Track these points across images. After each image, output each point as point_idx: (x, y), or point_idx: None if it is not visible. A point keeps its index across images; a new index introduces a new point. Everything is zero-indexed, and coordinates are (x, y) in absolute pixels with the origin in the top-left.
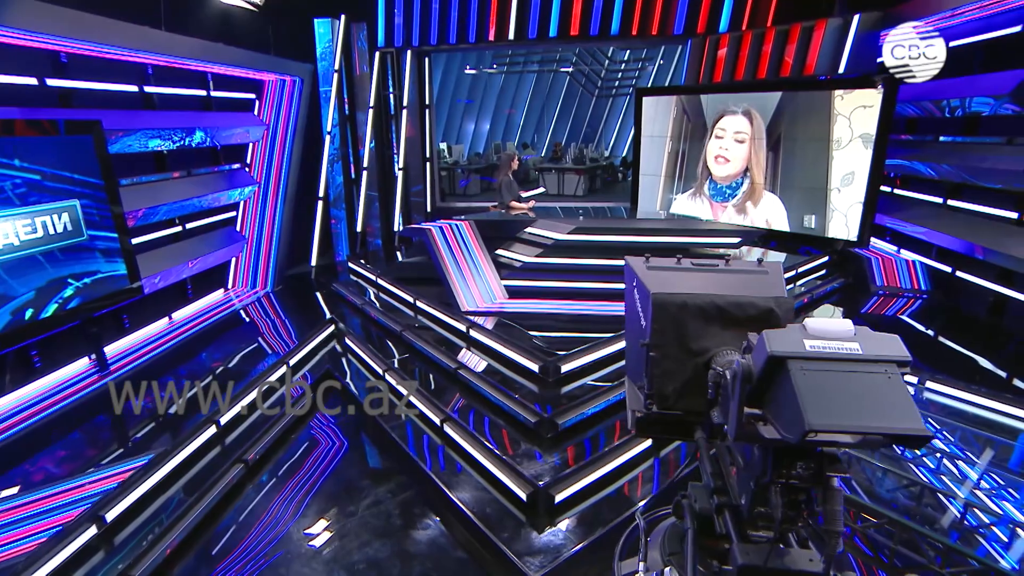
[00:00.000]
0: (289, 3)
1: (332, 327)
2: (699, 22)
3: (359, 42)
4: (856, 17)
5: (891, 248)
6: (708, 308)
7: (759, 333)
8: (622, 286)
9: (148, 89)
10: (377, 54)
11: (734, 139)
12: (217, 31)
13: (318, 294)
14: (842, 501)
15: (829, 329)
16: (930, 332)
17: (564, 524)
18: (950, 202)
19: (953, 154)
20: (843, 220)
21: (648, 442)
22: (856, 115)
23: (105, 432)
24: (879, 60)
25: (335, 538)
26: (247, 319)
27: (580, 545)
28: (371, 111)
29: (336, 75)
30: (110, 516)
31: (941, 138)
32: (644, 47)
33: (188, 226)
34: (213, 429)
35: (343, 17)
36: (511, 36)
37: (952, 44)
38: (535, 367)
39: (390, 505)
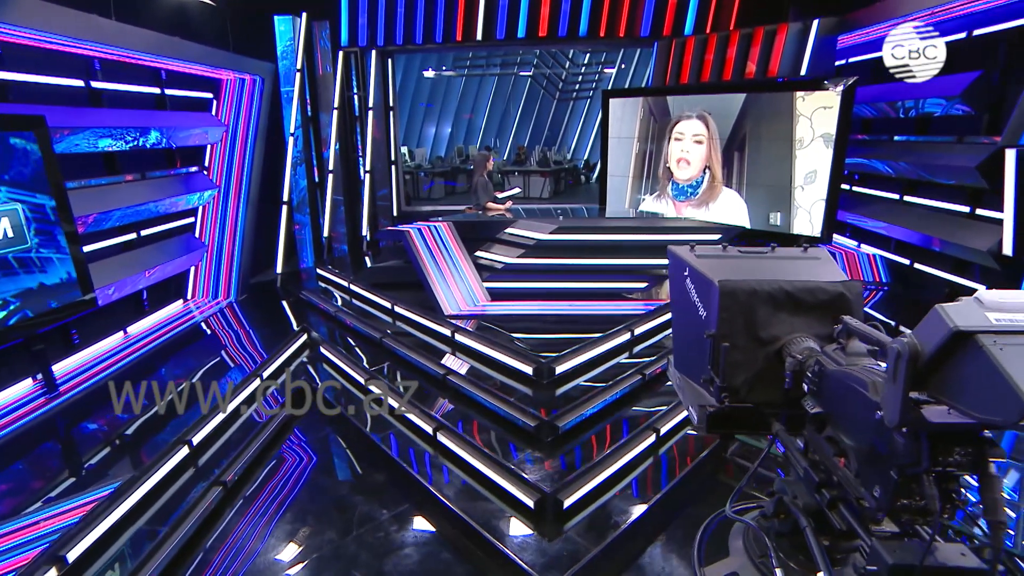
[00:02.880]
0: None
1: (305, 336)
2: (665, 25)
3: (322, 41)
4: (815, 22)
5: (852, 243)
6: (777, 294)
7: (831, 318)
8: (609, 285)
9: (96, 85)
10: (341, 54)
11: (693, 141)
12: (172, 24)
13: (285, 303)
14: (1001, 488)
15: (1011, 302)
16: (892, 322)
17: (575, 530)
18: (906, 198)
19: (909, 152)
20: (807, 217)
21: (650, 439)
22: (817, 116)
23: (57, 460)
24: (837, 63)
25: (332, 561)
26: (209, 331)
27: (595, 550)
28: (335, 112)
29: (298, 75)
30: (72, 555)
31: (896, 138)
32: (612, 49)
33: (143, 233)
34: (185, 450)
35: (304, 15)
36: (479, 37)
37: None
38: (528, 369)
39: (386, 521)
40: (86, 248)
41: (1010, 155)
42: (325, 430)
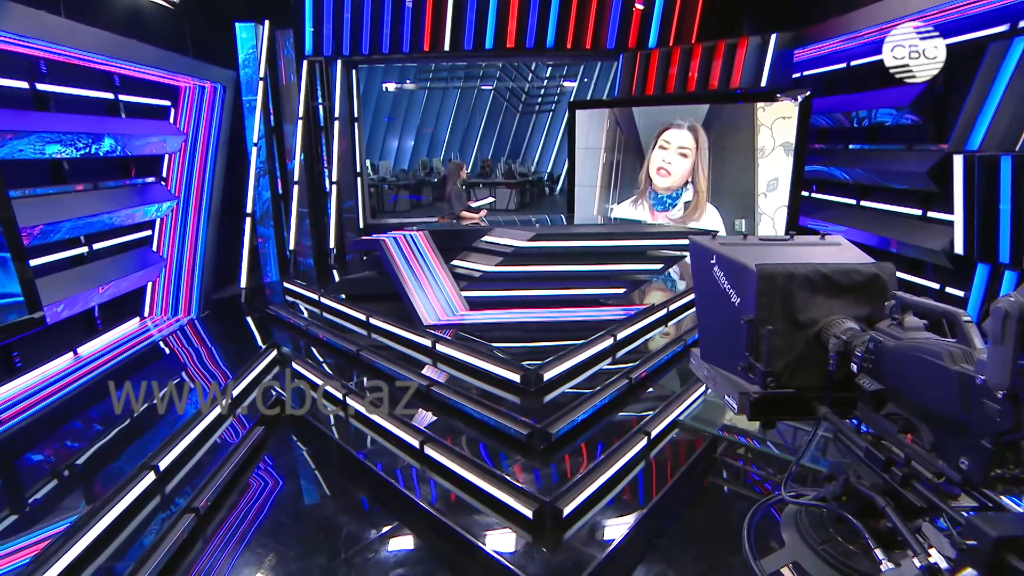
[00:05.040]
0: (208, 5)
1: (275, 352)
2: (630, 37)
3: (285, 50)
4: (773, 36)
5: None
6: (814, 277)
7: (867, 299)
8: (592, 292)
9: (42, 87)
10: (305, 63)
11: (678, 153)
12: (127, 26)
13: (251, 319)
14: None
15: None
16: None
17: (576, 539)
18: (863, 203)
19: (865, 160)
20: (770, 223)
21: (642, 443)
22: (777, 125)
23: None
24: (794, 75)
25: None
26: (169, 350)
27: (600, 558)
28: (300, 123)
29: (261, 84)
30: None
31: (851, 146)
32: (578, 61)
33: (96, 246)
34: (151, 476)
35: (267, 23)
36: (446, 47)
37: (854, 63)
38: (516, 377)
39: (376, 541)
40: (32, 262)
41: (958, 160)
42: (301, 448)
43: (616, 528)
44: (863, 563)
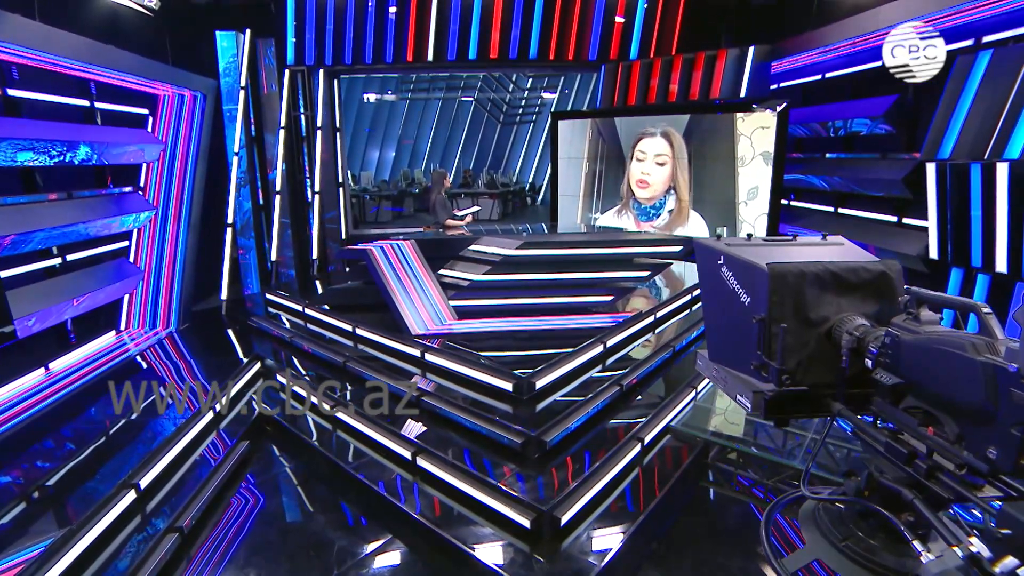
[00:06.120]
0: (189, 13)
1: (258, 365)
2: (612, 49)
3: (266, 59)
4: (751, 49)
5: None
6: (823, 275)
7: (875, 297)
8: (581, 299)
9: (13, 93)
10: (287, 72)
11: (655, 162)
12: (104, 32)
13: (232, 331)
14: None
15: None
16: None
17: (575, 547)
18: (841, 210)
19: (842, 168)
20: (751, 230)
21: (636, 450)
22: (756, 135)
23: None
24: (772, 87)
25: None
26: (147, 364)
27: (600, 567)
28: (282, 132)
29: (242, 92)
30: None
31: (828, 155)
32: (560, 73)
33: (70, 257)
34: (131, 495)
35: (248, 31)
36: (430, 57)
37: (829, 75)
38: (508, 386)
39: (369, 557)
40: (2, 274)
41: (930, 168)
42: (289, 463)
43: (613, 536)
44: (887, 558)
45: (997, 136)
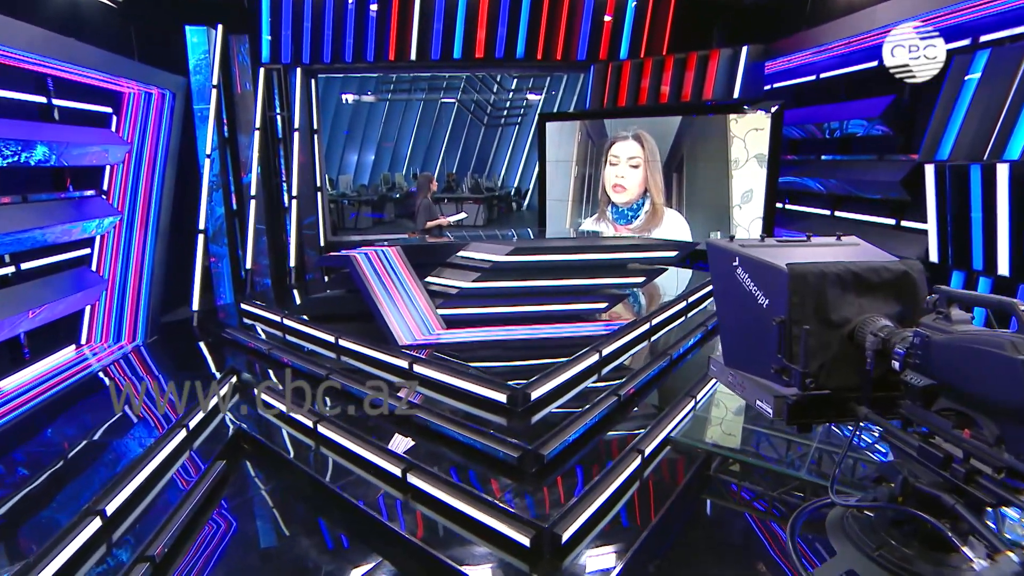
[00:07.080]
0: (156, 6)
1: (234, 379)
2: (601, 49)
3: (240, 56)
4: (744, 49)
5: None
6: (844, 275)
7: (897, 297)
8: (577, 307)
9: None
10: (262, 70)
11: (628, 165)
12: (63, 24)
13: (203, 344)
14: None
15: None
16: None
17: (576, 566)
18: (837, 213)
19: (838, 170)
20: (746, 235)
21: (636, 462)
22: (750, 137)
23: None
24: (765, 87)
25: None
26: (109, 381)
27: None
28: (257, 133)
29: (214, 91)
30: None
31: (823, 157)
32: (548, 73)
33: (25, 266)
34: (96, 522)
35: (220, 27)
36: (413, 57)
37: (823, 75)
38: (502, 397)
39: None
40: None
41: (929, 170)
42: (268, 483)
43: (616, 552)
44: (924, 567)
45: (996, 136)
